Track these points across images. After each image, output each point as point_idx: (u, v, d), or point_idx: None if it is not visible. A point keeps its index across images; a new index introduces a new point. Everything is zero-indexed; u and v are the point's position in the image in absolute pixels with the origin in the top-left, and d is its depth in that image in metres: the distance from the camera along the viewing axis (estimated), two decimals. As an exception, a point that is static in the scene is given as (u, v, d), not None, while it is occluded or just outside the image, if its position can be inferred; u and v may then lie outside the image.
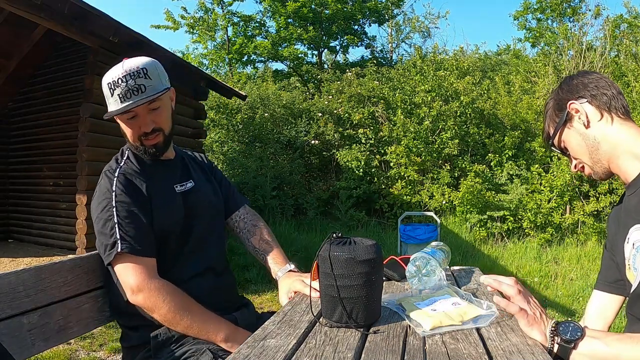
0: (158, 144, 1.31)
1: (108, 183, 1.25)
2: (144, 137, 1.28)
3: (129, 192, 1.24)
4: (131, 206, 1.22)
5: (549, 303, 4.35)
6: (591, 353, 0.85)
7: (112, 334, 2.89)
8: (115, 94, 1.21)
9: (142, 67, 1.21)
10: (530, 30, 13.28)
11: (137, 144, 1.30)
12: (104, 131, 4.66)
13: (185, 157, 1.49)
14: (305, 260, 5.42)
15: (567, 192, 6.85)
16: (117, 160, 1.33)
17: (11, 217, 6.19)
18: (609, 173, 1.11)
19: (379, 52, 14.27)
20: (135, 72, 1.20)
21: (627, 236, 1.04)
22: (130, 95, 1.20)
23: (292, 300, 1.21)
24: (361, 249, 0.95)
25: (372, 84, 8.85)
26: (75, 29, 4.13)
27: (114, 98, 1.22)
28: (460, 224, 6.99)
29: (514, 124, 8.15)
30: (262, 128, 8.63)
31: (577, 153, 1.14)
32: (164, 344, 1.20)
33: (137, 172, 1.30)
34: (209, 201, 1.43)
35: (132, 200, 1.23)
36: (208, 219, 1.41)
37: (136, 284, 1.17)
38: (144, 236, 1.22)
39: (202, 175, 1.48)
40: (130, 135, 1.29)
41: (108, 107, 1.26)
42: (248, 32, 13.04)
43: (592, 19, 9.74)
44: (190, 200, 1.36)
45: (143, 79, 1.21)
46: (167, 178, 1.36)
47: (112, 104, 1.23)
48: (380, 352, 0.82)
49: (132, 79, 1.19)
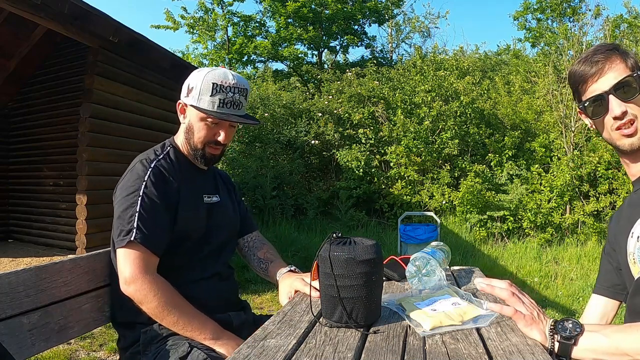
0: (217, 156, 1.38)
1: (142, 171, 1.26)
2: (211, 144, 1.34)
3: (159, 186, 1.26)
4: (157, 200, 1.24)
5: (549, 303, 4.35)
6: (592, 347, 0.85)
7: (112, 334, 2.89)
8: (216, 96, 1.27)
9: (247, 88, 1.33)
10: (530, 31, 13.28)
11: (199, 147, 1.34)
12: (104, 131, 4.66)
13: (216, 172, 1.56)
14: (305, 260, 5.42)
15: (567, 192, 6.85)
16: (156, 152, 1.35)
17: (11, 217, 6.18)
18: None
19: (379, 52, 14.28)
20: (242, 89, 1.31)
21: (631, 230, 1.04)
22: (230, 106, 1.29)
23: (292, 300, 1.21)
24: (361, 249, 0.95)
25: (372, 84, 8.85)
26: (75, 29, 4.13)
27: (212, 98, 1.27)
28: (460, 224, 6.99)
29: (514, 124, 8.15)
30: (262, 128, 8.63)
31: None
32: (152, 340, 1.23)
33: (173, 170, 1.32)
34: (229, 217, 1.49)
35: (160, 195, 1.25)
36: (226, 233, 1.46)
37: (132, 274, 1.18)
38: (159, 233, 1.24)
39: (227, 193, 1.54)
40: (201, 137, 1.33)
41: (195, 99, 1.29)
42: (248, 32, 13.02)
43: (592, 19, 9.74)
44: (214, 212, 1.40)
45: (244, 98, 1.32)
46: (198, 186, 1.40)
47: (206, 101, 1.27)
48: (380, 352, 0.82)
49: (238, 94, 1.30)
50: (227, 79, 1.28)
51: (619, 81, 1.04)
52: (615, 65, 1.05)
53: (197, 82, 1.28)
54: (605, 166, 6.87)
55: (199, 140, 1.33)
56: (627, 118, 1.04)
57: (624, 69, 1.05)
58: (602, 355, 0.85)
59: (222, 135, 1.33)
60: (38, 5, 3.63)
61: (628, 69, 1.04)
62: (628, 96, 1.03)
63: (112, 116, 4.76)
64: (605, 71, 1.06)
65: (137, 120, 5.09)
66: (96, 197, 4.50)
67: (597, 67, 1.06)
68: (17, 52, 5.68)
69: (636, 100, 1.04)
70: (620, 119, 1.04)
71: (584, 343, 0.86)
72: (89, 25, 4.11)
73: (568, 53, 8.59)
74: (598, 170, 6.91)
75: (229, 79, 1.28)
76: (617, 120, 1.05)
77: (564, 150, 7.30)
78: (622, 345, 0.83)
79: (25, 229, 6.02)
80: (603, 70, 1.06)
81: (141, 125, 5.13)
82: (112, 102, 4.76)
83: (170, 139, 1.43)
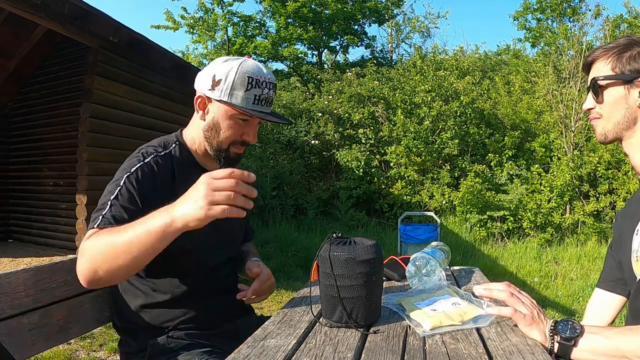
0: (240, 156, 1.24)
1: (135, 161, 1.15)
2: (237, 144, 1.21)
3: (147, 182, 1.11)
4: (137, 197, 1.09)
5: (549, 303, 4.35)
6: (592, 348, 0.85)
7: (112, 334, 2.89)
8: (251, 92, 1.13)
9: (276, 83, 1.21)
10: (530, 31, 13.29)
11: (224, 147, 1.20)
12: (104, 131, 4.66)
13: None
14: (305, 260, 5.42)
15: (567, 192, 6.85)
16: (158, 147, 1.21)
17: (11, 217, 6.19)
18: (612, 142, 1.08)
19: (379, 52, 14.28)
20: (274, 84, 1.19)
21: (636, 227, 1.04)
22: (263, 103, 1.16)
23: (292, 301, 1.21)
24: (361, 249, 0.95)
25: (372, 84, 8.85)
26: (75, 29, 4.13)
27: (247, 94, 1.13)
28: (460, 224, 6.99)
29: (514, 124, 8.16)
30: (262, 128, 8.63)
31: (606, 108, 1.05)
32: (160, 352, 1.17)
33: (171, 170, 1.18)
34: (239, 224, 1.36)
35: (140, 190, 1.09)
36: (227, 243, 1.34)
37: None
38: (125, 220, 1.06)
39: None
40: (229, 135, 1.18)
41: (226, 94, 1.13)
42: (248, 32, 13.03)
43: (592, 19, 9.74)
44: (216, 220, 1.22)
45: (274, 94, 1.20)
46: None
47: (240, 97, 1.13)
48: (380, 352, 0.82)
49: (272, 90, 1.18)
50: (262, 74, 1.14)
51: (591, 79, 1.07)
52: (602, 60, 1.06)
53: (227, 74, 1.12)
54: (605, 166, 6.87)
55: (226, 140, 1.19)
56: (592, 112, 1.09)
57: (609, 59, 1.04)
58: (601, 356, 0.84)
59: (252, 134, 1.20)
60: (38, 5, 3.63)
61: (610, 69, 1.04)
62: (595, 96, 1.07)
63: (112, 116, 4.76)
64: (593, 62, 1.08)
65: (137, 120, 5.09)
66: (96, 197, 4.41)
67: (593, 55, 1.09)
68: (17, 52, 5.69)
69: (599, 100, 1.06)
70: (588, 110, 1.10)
71: (584, 344, 0.86)
72: (89, 25, 4.10)
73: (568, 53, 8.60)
74: (598, 170, 6.91)
75: (264, 73, 1.15)
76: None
77: (564, 150, 7.31)
78: (622, 347, 0.82)
79: (25, 229, 6.02)
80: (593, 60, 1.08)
81: (141, 125, 5.13)
82: (112, 102, 4.76)
83: (176, 134, 1.27)
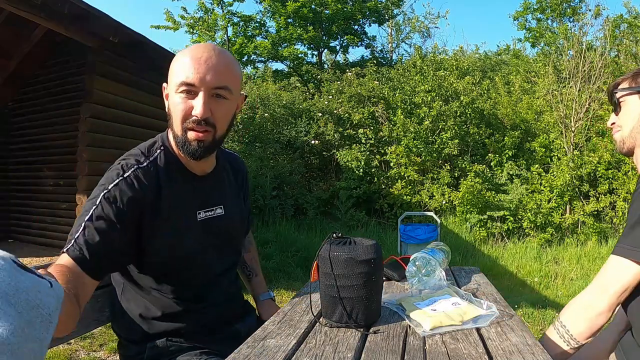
0: (204, 142, 1.03)
1: (114, 175, 1.02)
2: (192, 125, 1.02)
3: (126, 200, 1.00)
4: (114, 217, 0.98)
5: (549, 303, 4.35)
6: None
7: (112, 334, 2.89)
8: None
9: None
10: (530, 31, 13.28)
11: (179, 133, 1.03)
12: (104, 131, 4.67)
13: (226, 168, 1.28)
14: (305, 260, 5.42)
15: (567, 192, 6.86)
16: (139, 157, 1.07)
17: (11, 217, 6.18)
18: (629, 150, 1.14)
19: (379, 52, 14.27)
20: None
21: None
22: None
23: (292, 301, 1.21)
24: (361, 249, 0.95)
25: (372, 84, 8.85)
26: (75, 29, 4.13)
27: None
28: (460, 224, 6.99)
29: (514, 124, 8.16)
30: (262, 128, 8.63)
31: (623, 117, 1.12)
32: (159, 355, 1.16)
33: (155, 182, 1.05)
34: (234, 228, 1.25)
35: (121, 211, 0.99)
36: (228, 249, 1.25)
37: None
38: (103, 255, 0.96)
39: (236, 192, 1.30)
40: (178, 113, 1.02)
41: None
42: (248, 32, 13.02)
43: (592, 19, 9.75)
44: (213, 228, 1.16)
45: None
46: (189, 201, 1.12)
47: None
48: (380, 352, 0.82)
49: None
50: (198, 45, 1.04)
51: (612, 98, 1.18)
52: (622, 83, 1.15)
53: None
54: (605, 166, 6.87)
55: (177, 121, 1.02)
56: (614, 125, 1.17)
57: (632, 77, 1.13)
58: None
59: (198, 106, 0.99)
60: (38, 5, 3.63)
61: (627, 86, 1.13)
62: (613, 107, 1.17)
63: (112, 116, 4.76)
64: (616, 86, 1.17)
65: (137, 121, 5.10)
66: (96, 197, 4.48)
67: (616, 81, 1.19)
68: (17, 52, 5.68)
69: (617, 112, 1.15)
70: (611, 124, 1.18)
71: None
72: (89, 25, 4.10)
73: (568, 53, 8.60)
74: (598, 170, 6.91)
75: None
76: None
77: (564, 150, 7.31)
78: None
79: (25, 229, 6.02)
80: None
81: (141, 125, 5.13)
82: (112, 102, 4.76)
83: (163, 135, 1.15)
